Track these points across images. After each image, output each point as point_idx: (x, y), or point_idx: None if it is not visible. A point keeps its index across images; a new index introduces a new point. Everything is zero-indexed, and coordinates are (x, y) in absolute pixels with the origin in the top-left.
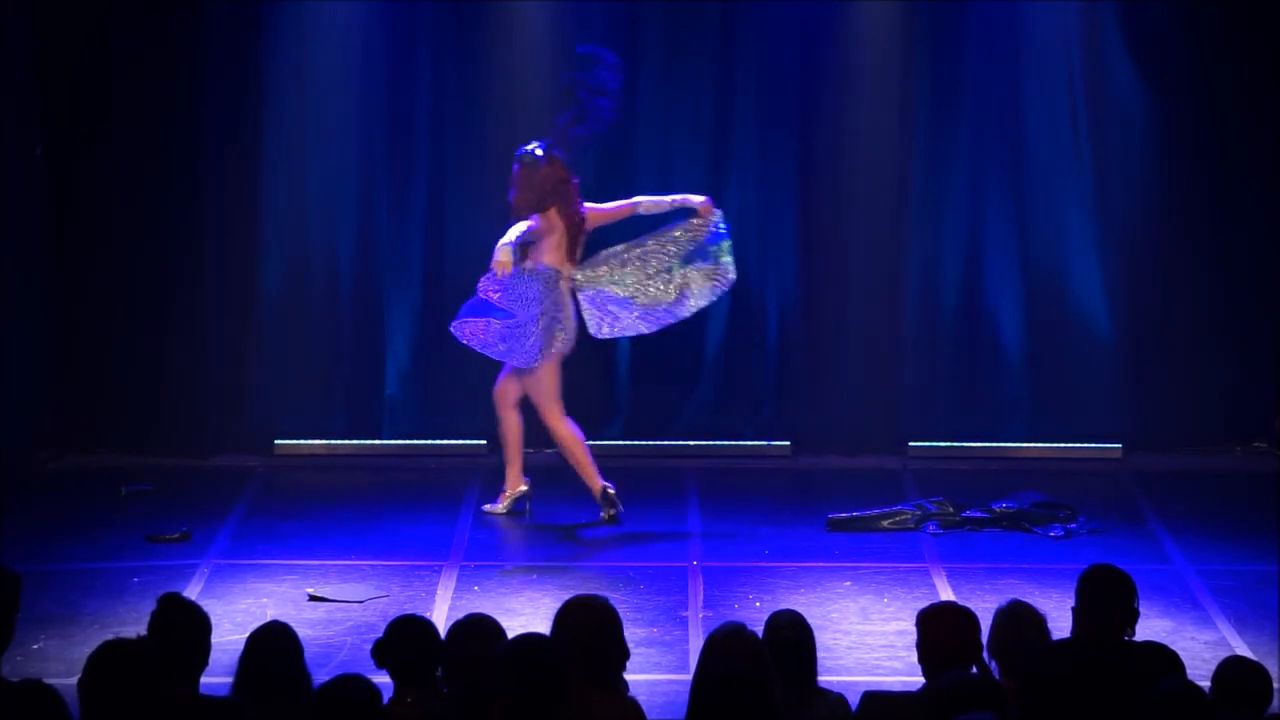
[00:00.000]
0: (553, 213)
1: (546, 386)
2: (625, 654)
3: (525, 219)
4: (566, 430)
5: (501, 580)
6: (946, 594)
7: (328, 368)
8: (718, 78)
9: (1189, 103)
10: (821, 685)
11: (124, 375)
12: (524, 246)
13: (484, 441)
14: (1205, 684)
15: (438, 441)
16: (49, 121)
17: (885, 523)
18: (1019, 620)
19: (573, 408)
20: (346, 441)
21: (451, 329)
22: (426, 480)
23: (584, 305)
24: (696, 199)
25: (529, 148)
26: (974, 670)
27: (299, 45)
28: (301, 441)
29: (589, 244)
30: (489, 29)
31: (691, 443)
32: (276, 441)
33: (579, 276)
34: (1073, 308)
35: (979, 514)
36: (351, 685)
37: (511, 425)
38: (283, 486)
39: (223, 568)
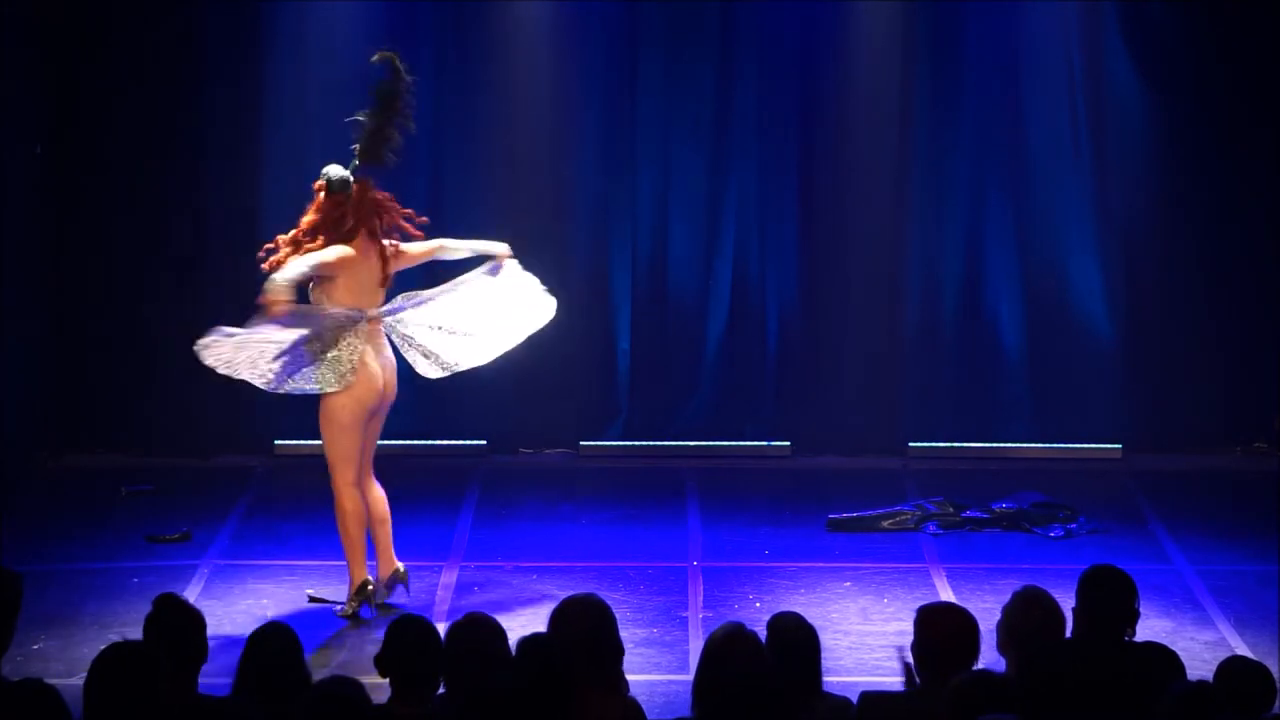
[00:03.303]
0: (359, 243)
1: (341, 446)
2: (621, 651)
3: (320, 250)
4: (351, 502)
5: (501, 580)
6: (946, 594)
7: None
8: (718, 78)
9: (1189, 102)
10: (825, 688)
11: (124, 375)
12: (311, 282)
13: (484, 441)
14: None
15: (438, 442)
16: (49, 121)
17: (885, 523)
18: (1036, 609)
19: (573, 408)
20: None
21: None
22: (426, 480)
23: (404, 348)
24: (498, 247)
25: (335, 169)
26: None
27: (299, 45)
28: (301, 441)
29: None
30: (489, 29)
31: (691, 443)
32: (276, 441)
33: (388, 319)
34: (1073, 308)
35: (979, 514)
36: (340, 685)
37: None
38: (283, 486)
39: (223, 568)
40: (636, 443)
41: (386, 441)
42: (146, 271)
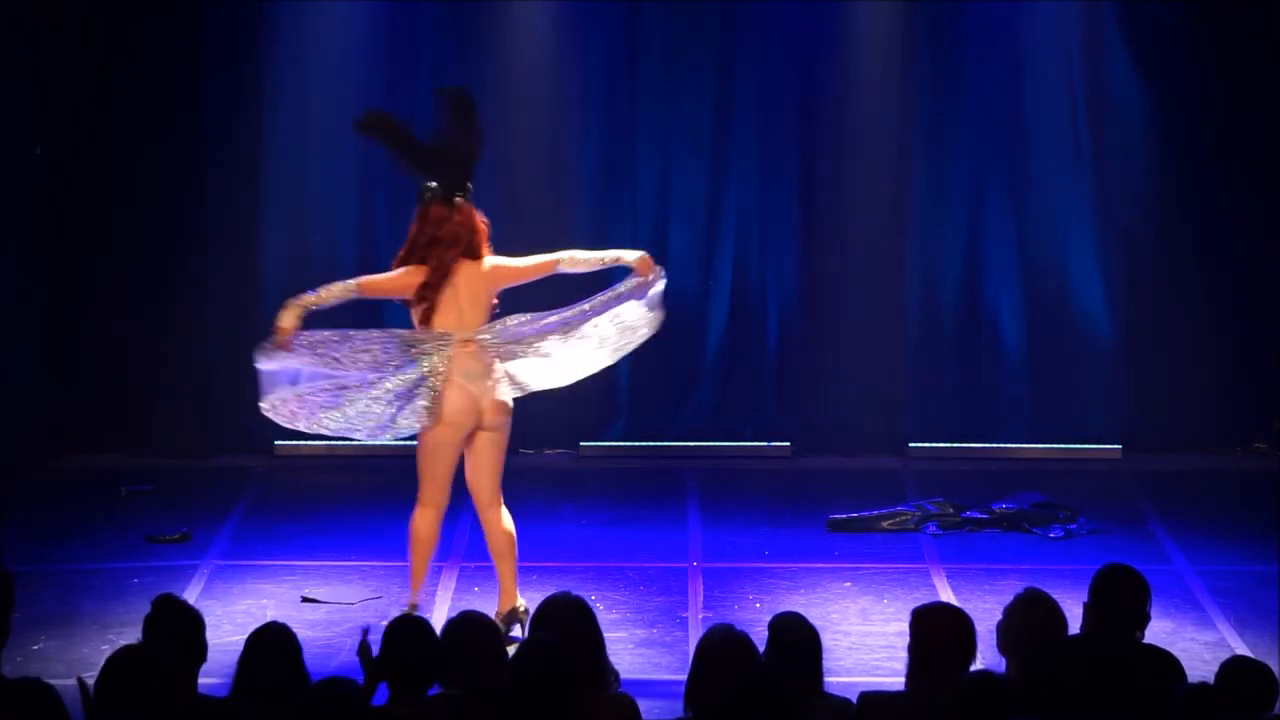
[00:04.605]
0: (434, 262)
1: (421, 464)
2: (603, 645)
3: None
4: (417, 523)
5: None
6: (946, 595)
7: None
8: (718, 78)
9: (1189, 102)
10: (825, 688)
11: (124, 375)
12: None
13: None
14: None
15: None
16: (49, 121)
17: (885, 523)
18: (1037, 610)
19: (573, 408)
20: (346, 441)
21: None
22: None
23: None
24: (631, 256)
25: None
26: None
27: (299, 45)
28: (301, 441)
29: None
30: (489, 29)
31: (691, 443)
32: (276, 441)
33: (487, 338)
34: (1073, 308)
35: (979, 515)
36: (338, 686)
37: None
38: (283, 486)
39: (223, 568)
40: (636, 443)
41: (387, 441)
42: (146, 271)
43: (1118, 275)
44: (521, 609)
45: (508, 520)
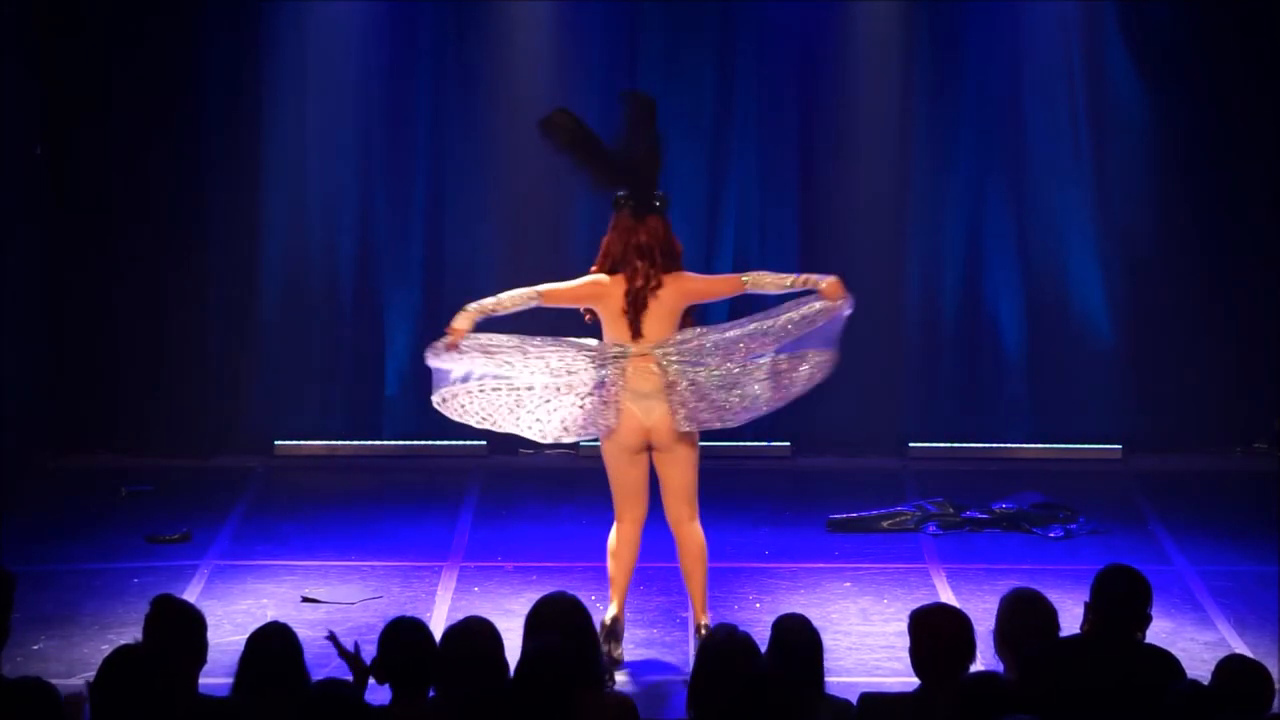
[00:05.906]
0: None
1: (611, 482)
2: (599, 645)
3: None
4: (613, 538)
5: (501, 580)
6: (946, 595)
7: (328, 368)
8: (718, 78)
9: (1189, 103)
10: (826, 689)
11: (124, 375)
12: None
13: (484, 442)
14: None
15: (438, 442)
16: (49, 120)
17: (885, 523)
18: (1028, 608)
19: None
20: (346, 442)
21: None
22: (426, 480)
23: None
24: (823, 280)
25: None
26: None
27: (299, 45)
28: (301, 442)
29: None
30: (489, 29)
31: None
32: (276, 441)
33: (667, 352)
34: (1073, 308)
35: (979, 515)
36: (338, 686)
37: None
38: (283, 486)
39: (223, 568)
40: None
41: (386, 442)
42: (146, 271)
43: (1118, 275)
44: (703, 625)
45: (697, 537)
